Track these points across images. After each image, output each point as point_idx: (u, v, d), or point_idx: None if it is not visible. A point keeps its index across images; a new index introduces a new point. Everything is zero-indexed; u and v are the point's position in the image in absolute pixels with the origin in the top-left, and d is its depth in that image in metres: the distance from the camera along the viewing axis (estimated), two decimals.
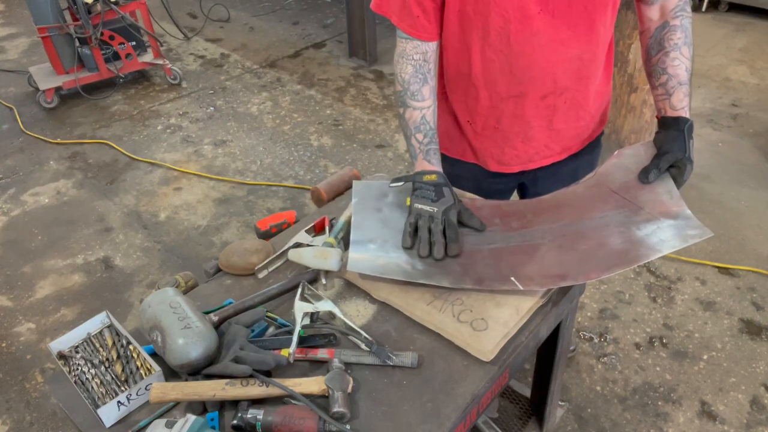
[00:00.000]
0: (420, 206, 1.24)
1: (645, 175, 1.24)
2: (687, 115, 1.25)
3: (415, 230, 1.23)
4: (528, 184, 1.60)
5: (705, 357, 2.20)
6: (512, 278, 1.15)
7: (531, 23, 1.21)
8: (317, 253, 1.24)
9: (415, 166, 1.35)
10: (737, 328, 2.31)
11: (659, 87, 1.29)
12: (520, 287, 1.13)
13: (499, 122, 1.40)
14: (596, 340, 2.28)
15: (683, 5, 1.29)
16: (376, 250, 1.23)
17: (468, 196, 1.43)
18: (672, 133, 1.24)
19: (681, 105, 1.26)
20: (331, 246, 1.27)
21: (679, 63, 1.27)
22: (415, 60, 1.33)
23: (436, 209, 1.23)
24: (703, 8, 5.23)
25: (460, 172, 1.55)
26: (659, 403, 2.05)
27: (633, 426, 1.98)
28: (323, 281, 1.27)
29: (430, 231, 1.21)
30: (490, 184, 1.56)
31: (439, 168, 1.33)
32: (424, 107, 1.34)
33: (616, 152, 1.34)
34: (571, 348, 2.19)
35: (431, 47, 1.34)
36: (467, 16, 1.24)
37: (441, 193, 1.26)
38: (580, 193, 1.31)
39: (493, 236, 1.26)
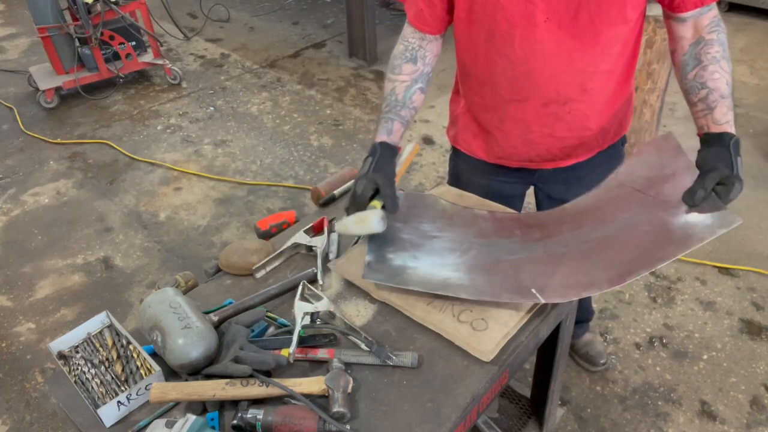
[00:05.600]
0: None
1: (691, 197, 1.11)
2: (732, 130, 1.17)
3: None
4: (540, 186, 1.58)
5: (705, 357, 2.20)
6: (533, 290, 1.12)
7: (535, 31, 1.20)
8: (357, 220, 1.21)
9: None
10: (737, 328, 2.31)
11: (699, 102, 1.21)
12: (542, 300, 1.10)
13: (501, 122, 1.40)
14: None
15: (717, 20, 1.23)
16: (393, 260, 1.22)
17: (488, 207, 1.40)
18: (716, 149, 1.14)
19: (725, 119, 1.17)
20: (374, 208, 1.22)
21: (719, 76, 1.20)
22: (409, 42, 1.36)
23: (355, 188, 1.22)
24: None
25: (472, 171, 1.55)
26: (659, 403, 2.05)
27: (633, 426, 1.98)
28: (321, 282, 1.27)
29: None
30: (500, 184, 1.54)
31: (383, 137, 1.30)
32: (398, 80, 1.35)
33: (635, 149, 1.31)
34: (602, 362, 2.14)
35: (431, 38, 1.36)
36: (475, 15, 1.24)
37: (364, 167, 1.24)
38: (602, 196, 1.27)
39: (514, 247, 1.23)
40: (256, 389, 1.00)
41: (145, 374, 1.08)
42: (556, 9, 1.17)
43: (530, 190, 1.65)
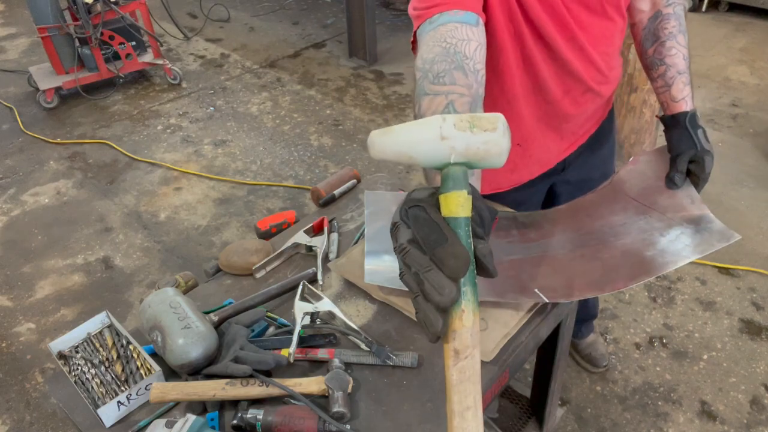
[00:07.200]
0: None
1: (671, 182, 1.21)
2: (688, 107, 1.22)
3: None
4: (557, 178, 1.52)
5: (705, 357, 2.20)
6: (536, 290, 1.12)
7: (567, 21, 1.16)
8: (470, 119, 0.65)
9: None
10: (737, 328, 2.31)
11: (658, 79, 1.27)
12: (546, 300, 1.11)
13: (539, 120, 1.35)
14: None
15: None
16: (393, 261, 1.21)
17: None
18: (675, 132, 1.22)
19: (681, 95, 1.23)
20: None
21: (676, 52, 1.25)
22: (447, 43, 0.93)
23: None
24: (703, 8, 5.23)
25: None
26: (659, 403, 2.05)
27: (633, 426, 1.98)
28: (321, 282, 1.27)
29: None
30: (521, 195, 1.48)
31: None
32: (452, 92, 0.85)
33: (631, 158, 1.31)
34: (604, 364, 2.14)
35: (473, 31, 0.95)
36: (516, 25, 1.14)
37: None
38: (597, 201, 1.28)
39: (512, 247, 1.23)
40: (256, 389, 1.00)
41: (145, 374, 1.08)
42: None
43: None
